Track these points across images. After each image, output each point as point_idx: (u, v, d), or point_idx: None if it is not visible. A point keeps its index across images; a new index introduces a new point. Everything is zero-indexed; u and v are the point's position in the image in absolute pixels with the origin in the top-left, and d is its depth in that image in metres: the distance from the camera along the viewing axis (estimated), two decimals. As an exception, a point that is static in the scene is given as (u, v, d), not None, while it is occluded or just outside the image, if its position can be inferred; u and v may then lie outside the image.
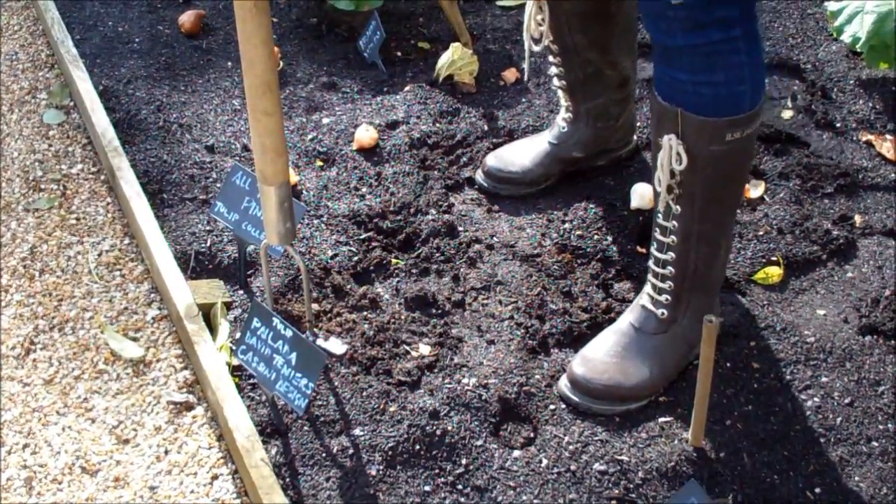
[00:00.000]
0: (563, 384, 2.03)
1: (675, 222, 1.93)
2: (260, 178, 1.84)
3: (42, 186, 2.56)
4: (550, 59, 2.40)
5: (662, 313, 2.02)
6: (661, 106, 1.84)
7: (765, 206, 2.45)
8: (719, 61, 1.77)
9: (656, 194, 1.92)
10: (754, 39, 1.81)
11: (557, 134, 2.48)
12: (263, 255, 2.05)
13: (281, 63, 2.92)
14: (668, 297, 2.01)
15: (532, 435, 1.98)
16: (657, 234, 1.97)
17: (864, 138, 2.65)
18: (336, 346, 2.10)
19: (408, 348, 2.11)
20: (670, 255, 1.97)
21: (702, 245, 1.95)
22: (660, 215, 1.95)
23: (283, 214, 1.87)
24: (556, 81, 2.44)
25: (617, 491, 1.87)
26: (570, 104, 2.44)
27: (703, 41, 1.76)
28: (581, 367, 2.02)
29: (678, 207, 1.90)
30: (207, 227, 2.38)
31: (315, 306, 2.18)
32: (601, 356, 2.02)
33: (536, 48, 2.33)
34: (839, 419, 2.00)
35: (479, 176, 2.52)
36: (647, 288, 2.04)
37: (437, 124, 2.69)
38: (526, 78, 2.71)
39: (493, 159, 2.50)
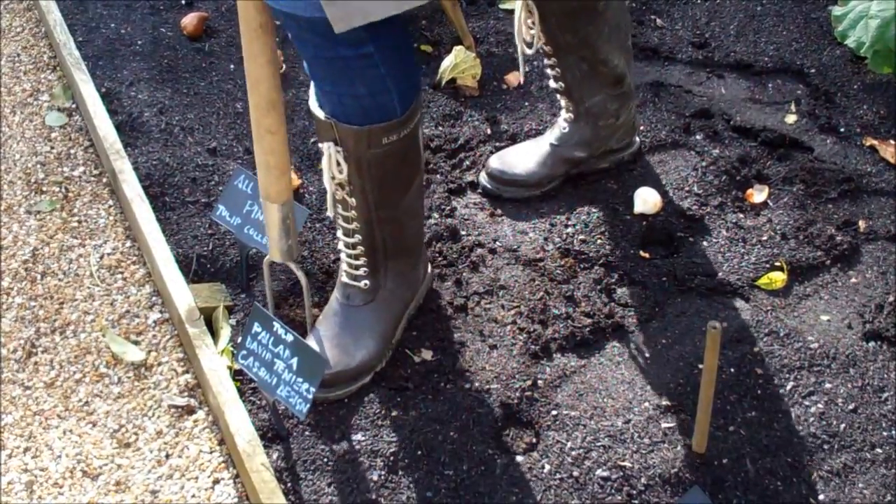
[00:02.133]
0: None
1: (353, 212, 1.97)
2: (263, 195, 1.85)
3: (44, 189, 2.56)
4: (545, 61, 2.40)
5: (365, 284, 2.06)
6: (316, 116, 1.88)
7: (768, 211, 2.44)
8: (357, 74, 1.78)
9: (327, 191, 1.96)
10: (396, 51, 1.81)
11: (559, 135, 2.48)
12: (266, 270, 2.05)
13: (284, 66, 2.91)
14: (366, 269, 2.04)
15: (534, 440, 1.97)
16: (340, 221, 2.00)
17: (867, 143, 2.64)
18: None
19: (410, 353, 2.11)
20: (357, 238, 2.01)
21: (385, 224, 1.99)
22: (339, 206, 1.98)
23: (285, 232, 1.89)
24: (552, 83, 2.43)
25: (620, 497, 1.86)
26: (570, 105, 2.44)
27: (332, 55, 1.76)
28: (319, 368, 1.99)
29: (353, 200, 1.95)
30: (209, 231, 2.38)
31: (316, 311, 2.17)
32: (325, 344, 2.03)
33: (529, 51, 2.32)
34: (843, 425, 1.99)
35: (482, 178, 2.52)
36: (344, 266, 2.07)
37: (440, 128, 2.69)
38: (522, 81, 2.70)
39: (497, 162, 2.50)
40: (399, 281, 2.08)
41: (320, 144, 1.91)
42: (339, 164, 1.89)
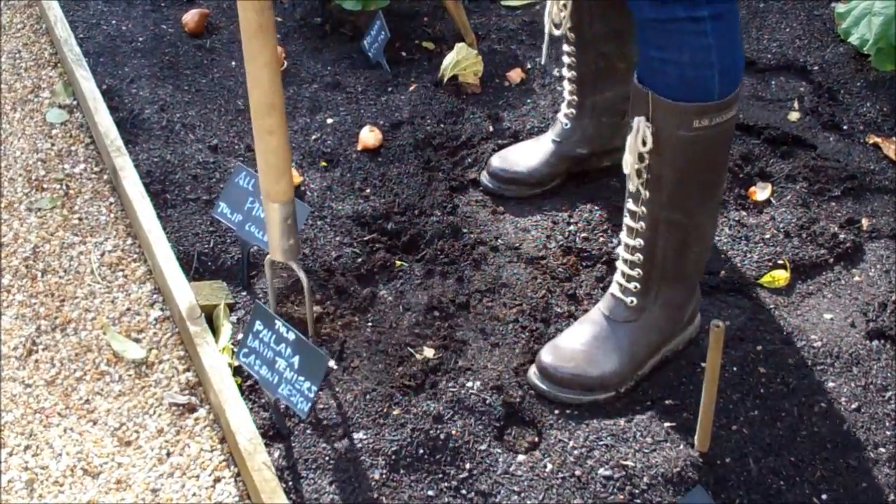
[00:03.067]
0: (532, 372, 2.04)
1: (643, 208, 1.93)
2: (263, 194, 1.84)
3: (45, 186, 2.55)
4: (565, 47, 2.39)
5: (632, 301, 2.02)
6: (635, 87, 1.85)
7: (771, 209, 2.43)
8: (685, 40, 1.77)
9: (626, 177, 1.93)
10: (727, 23, 1.80)
11: (560, 131, 2.47)
12: (268, 268, 2.05)
13: (285, 63, 2.91)
14: (637, 285, 2.00)
15: (537, 439, 1.97)
16: (627, 219, 1.97)
17: (871, 141, 2.63)
18: None
19: (411, 351, 2.10)
20: (639, 242, 1.96)
21: (671, 233, 1.94)
22: (630, 200, 1.95)
23: (286, 231, 1.88)
24: (566, 72, 2.42)
25: (622, 496, 1.86)
26: (576, 97, 2.42)
27: (666, 16, 1.76)
28: (549, 355, 2.02)
29: (647, 193, 1.91)
30: (210, 228, 2.37)
31: (318, 308, 2.16)
32: (570, 344, 2.03)
33: (557, 32, 2.31)
34: (846, 425, 1.98)
35: (484, 177, 2.51)
36: (617, 276, 2.04)
37: (442, 125, 2.68)
38: (543, 62, 2.68)
39: (498, 160, 2.49)
40: (666, 313, 2.03)
41: (629, 121, 1.88)
42: (645, 139, 1.85)
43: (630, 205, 1.95)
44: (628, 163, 1.89)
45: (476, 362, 2.08)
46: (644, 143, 1.85)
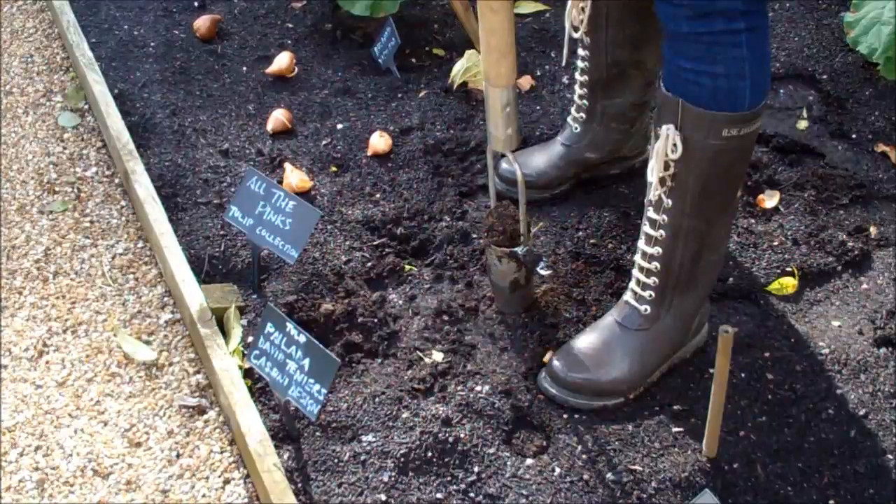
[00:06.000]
0: (542, 376, 2.05)
1: (664, 216, 1.93)
2: (484, 78, 1.77)
3: (56, 189, 2.57)
4: (580, 51, 2.39)
5: (646, 310, 2.02)
6: (663, 96, 1.86)
7: (779, 217, 2.44)
8: (720, 52, 1.78)
9: (649, 185, 1.93)
10: (760, 36, 1.81)
11: (569, 135, 2.48)
12: (490, 159, 2.05)
13: (296, 69, 2.92)
14: (652, 294, 2.01)
15: (545, 443, 1.97)
16: (646, 228, 1.98)
17: (879, 149, 2.64)
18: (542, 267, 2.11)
19: (420, 355, 2.11)
20: (657, 250, 1.97)
21: (690, 242, 1.95)
22: (650, 208, 1.95)
23: (505, 119, 1.82)
24: (578, 75, 2.43)
25: (630, 501, 1.86)
26: (587, 101, 2.43)
27: (704, 30, 1.77)
28: (561, 360, 2.03)
29: (669, 201, 1.91)
30: (221, 232, 2.38)
31: (328, 306, 2.17)
32: (582, 350, 2.04)
33: (575, 35, 2.32)
34: (854, 431, 1.98)
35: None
36: (632, 283, 2.04)
37: (452, 131, 2.69)
38: (564, 63, 2.68)
39: (508, 163, 2.50)
40: (678, 322, 2.04)
41: (657, 128, 1.88)
42: (675, 145, 1.85)
43: (650, 213, 1.95)
44: (654, 170, 1.89)
45: (485, 366, 2.09)
46: (674, 149, 1.85)
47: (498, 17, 1.71)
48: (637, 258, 2.01)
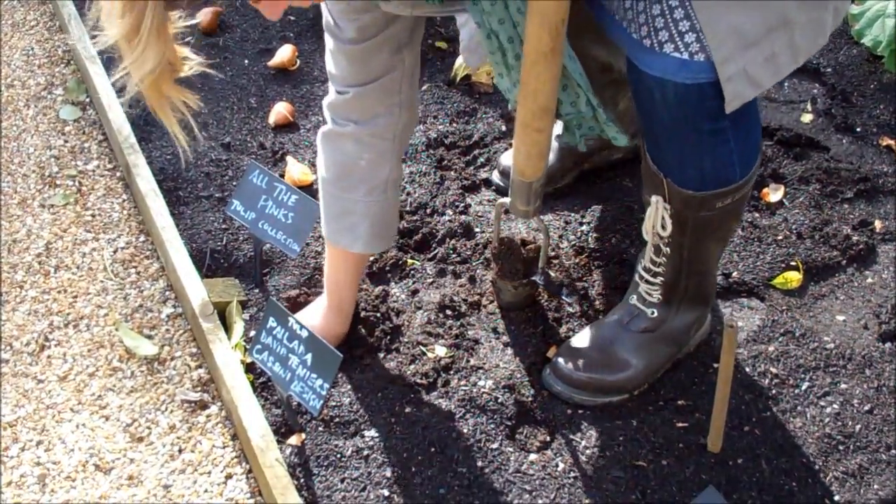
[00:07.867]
0: (547, 372, 2.05)
1: (664, 258, 1.94)
2: (519, 172, 1.91)
3: (57, 182, 2.56)
4: None
5: (652, 312, 2.02)
6: (649, 169, 1.84)
7: (784, 211, 2.43)
8: (706, 149, 1.75)
9: (645, 234, 1.93)
10: (745, 123, 1.75)
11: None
12: (498, 212, 2.12)
13: (298, 62, 2.91)
14: (660, 298, 2.01)
15: (548, 439, 1.97)
16: (651, 254, 1.96)
17: (884, 143, 2.62)
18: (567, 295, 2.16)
19: (423, 350, 2.10)
20: (660, 280, 1.98)
21: (692, 276, 1.96)
22: (652, 248, 1.95)
23: (528, 198, 1.95)
24: None
25: (634, 496, 1.85)
26: None
27: (689, 128, 1.72)
28: (566, 357, 2.03)
29: (668, 250, 1.92)
30: (223, 226, 2.38)
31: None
32: (587, 348, 2.04)
33: None
34: (858, 426, 1.98)
35: (495, 176, 2.51)
36: (641, 287, 2.03)
37: (454, 124, 2.68)
38: None
39: (508, 159, 2.48)
40: (685, 323, 2.04)
41: (646, 196, 1.87)
42: (664, 221, 1.85)
43: (651, 253, 1.95)
44: (647, 232, 1.90)
45: (488, 361, 2.08)
46: (664, 228, 1.85)
47: (544, 136, 1.83)
48: (641, 269, 2.00)
